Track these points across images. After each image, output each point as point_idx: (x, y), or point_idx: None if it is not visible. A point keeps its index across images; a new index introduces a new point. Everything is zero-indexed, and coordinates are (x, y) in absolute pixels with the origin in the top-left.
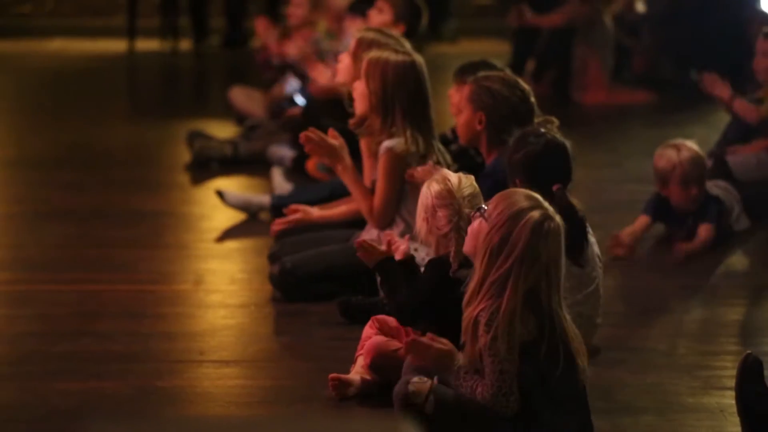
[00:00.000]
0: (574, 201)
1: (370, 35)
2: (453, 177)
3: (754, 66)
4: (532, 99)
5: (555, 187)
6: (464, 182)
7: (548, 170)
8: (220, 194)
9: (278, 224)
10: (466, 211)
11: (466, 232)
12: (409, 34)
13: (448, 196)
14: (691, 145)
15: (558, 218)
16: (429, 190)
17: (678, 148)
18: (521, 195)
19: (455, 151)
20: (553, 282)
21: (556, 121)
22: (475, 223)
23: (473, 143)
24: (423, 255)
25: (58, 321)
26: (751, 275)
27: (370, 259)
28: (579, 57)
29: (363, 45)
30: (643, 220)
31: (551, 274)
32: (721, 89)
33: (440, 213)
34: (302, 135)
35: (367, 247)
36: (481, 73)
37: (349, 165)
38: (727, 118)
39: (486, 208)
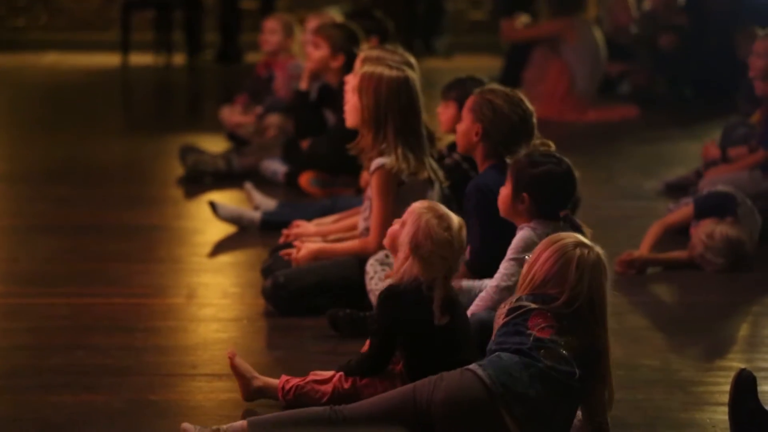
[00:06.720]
0: (582, 224)
1: (375, 53)
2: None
3: (750, 63)
4: (534, 120)
5: (563, 213)
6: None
7: (562, 193)
8: (212, 206)
9: (285, 237)
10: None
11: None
12: (350, 64)
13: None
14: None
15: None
16: None
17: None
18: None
19: (449, 166)
20: None
21: (553, 145)
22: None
23: (469, 152)
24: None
25: (51, 334)
26: (744, 292)
27: None
28: (553, 70)
29: (369, 64)
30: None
31: None
32: (714, 151)
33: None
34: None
35: None
36: (488, 86)
37: (320, 245)
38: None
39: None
